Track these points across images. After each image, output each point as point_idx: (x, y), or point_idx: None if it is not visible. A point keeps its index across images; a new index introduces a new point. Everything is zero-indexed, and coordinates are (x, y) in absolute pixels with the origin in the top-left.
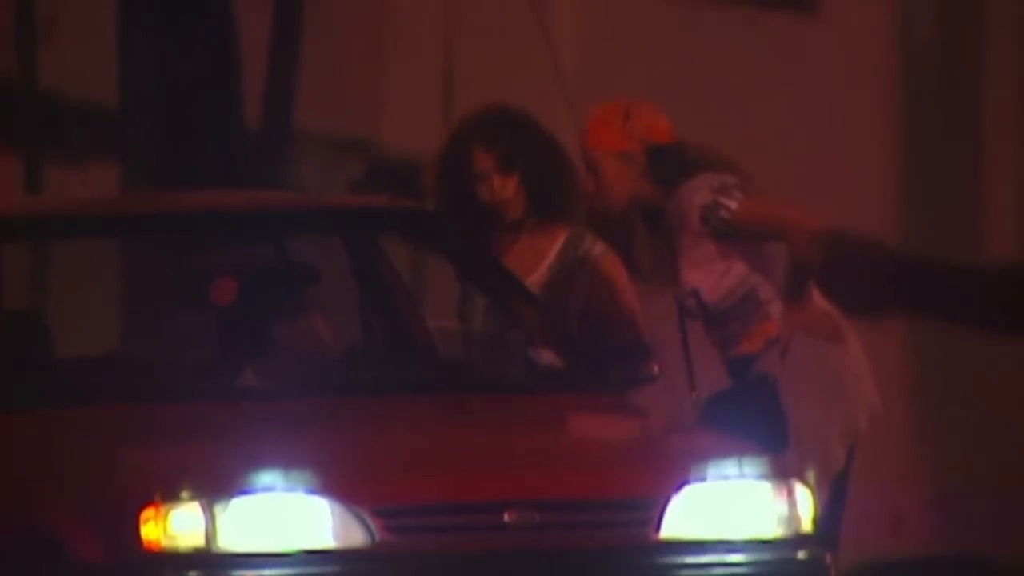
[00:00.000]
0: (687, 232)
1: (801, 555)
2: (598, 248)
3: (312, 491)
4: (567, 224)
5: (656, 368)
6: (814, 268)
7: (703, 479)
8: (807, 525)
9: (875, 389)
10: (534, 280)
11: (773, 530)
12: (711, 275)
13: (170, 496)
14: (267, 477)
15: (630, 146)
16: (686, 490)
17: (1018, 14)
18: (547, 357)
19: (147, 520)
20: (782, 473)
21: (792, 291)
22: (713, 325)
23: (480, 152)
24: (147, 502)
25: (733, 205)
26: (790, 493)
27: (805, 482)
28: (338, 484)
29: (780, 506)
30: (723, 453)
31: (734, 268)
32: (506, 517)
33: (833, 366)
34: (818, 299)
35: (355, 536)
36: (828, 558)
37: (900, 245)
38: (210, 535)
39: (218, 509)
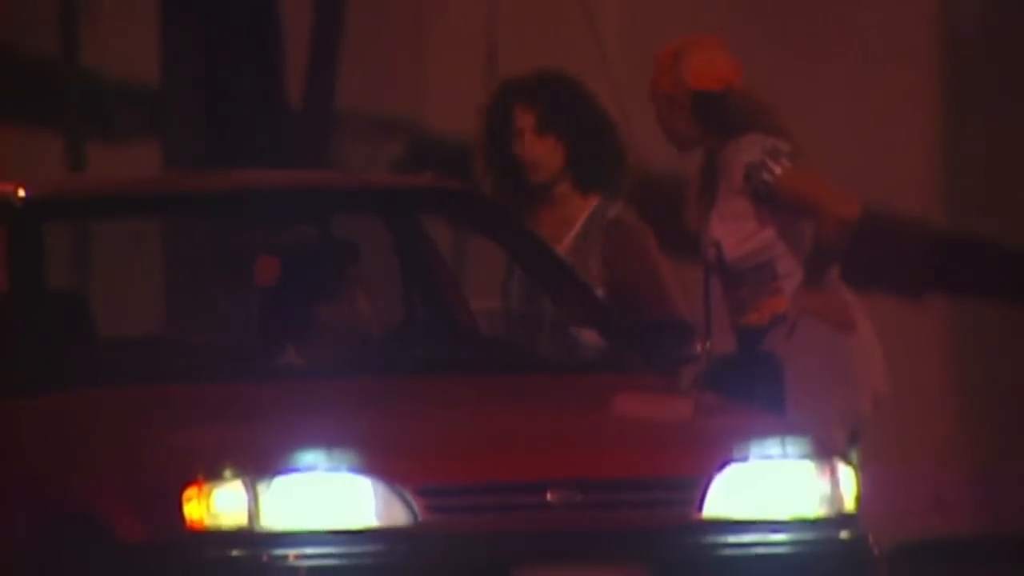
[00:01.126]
0: (727, 185)
1: (844, 535)
2: (626, 218)
3: (355, 470)
4: (600, 194)
5: (699, 347)
6: (836, 254)
7: (746, 458)
8: (850, 504)
9: (883, 377)
10: (560, 249)
11: (815, 510)
12: (736, 233)
13: (213, 475)
14: (310, 456)
15: (675, 89)
16: (729, 469)
17: None
18: (590, 336)
19: (190, 499)
20: (825, 452)
21: (810, 272)
22: (727, 284)
23: (520, 109)
24: (190, 481)
25: (778, 170)
26: (833, 472)
27: (848, 461)
28: (381, 463)
29: (823, 485)
30: (766, 432)
31: (762, 233)
32: (548, 496)
33: (839, 353)
34: (837, 285)
35: (397, 515)
36: (870, 538)
37: (941, 223)
38: (253, 514)
39: (261, 488)
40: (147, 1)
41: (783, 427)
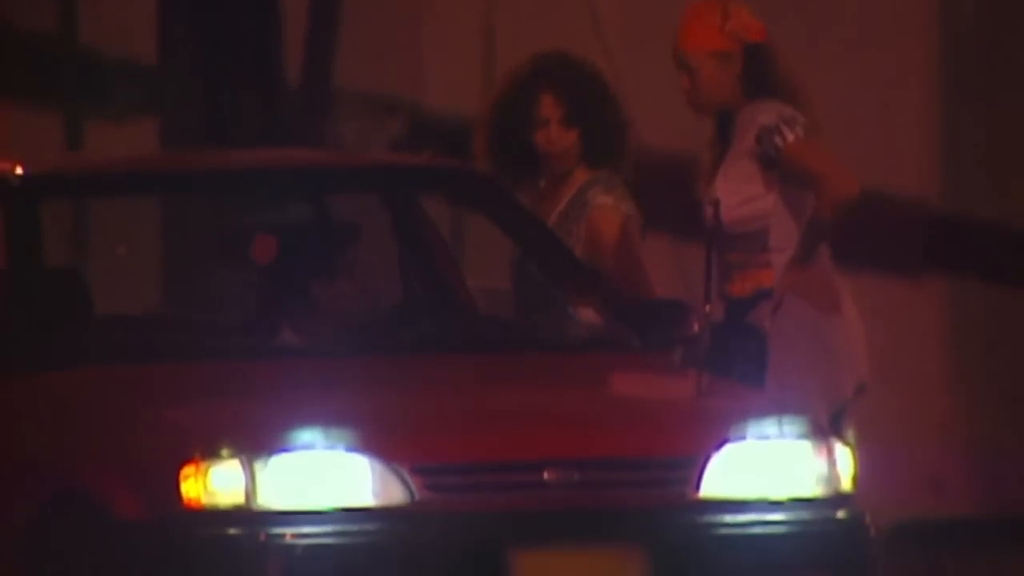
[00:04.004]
0: (738, 146)
1: (841, 514)
2: (600, 199)
3: (352, 449)
4: (605, 170)
5: (697, 326)
6: (826, 233)
7: (743, 438)
8: (847, 484)
9: (866, 361)
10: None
11: (813, 489)
12: (737, 193)
13: (210, 453)
14: (307, 435)
15: (728, 45)
16: (726, 449)
17: None
18: (588, 315)
19: (187, 477)
20: (822, 432)
21: (800, 248)
22: (719, 247)
23: (548, 98)
24: (187, 459)
25: (790, 137)
26: (830, 452)
27: (845, 441)
28: (378, 442)
29: (820, 465)
30: (763, 412)
31: (763, 199)
32: (546, 475)
33: (822, 335)
34: (826, 266)
35: (394, 494)
36: (867, 517)
37: (939, 203)
38: (250, 492)
39: (258, 466)
40: None
41: (780, 407)
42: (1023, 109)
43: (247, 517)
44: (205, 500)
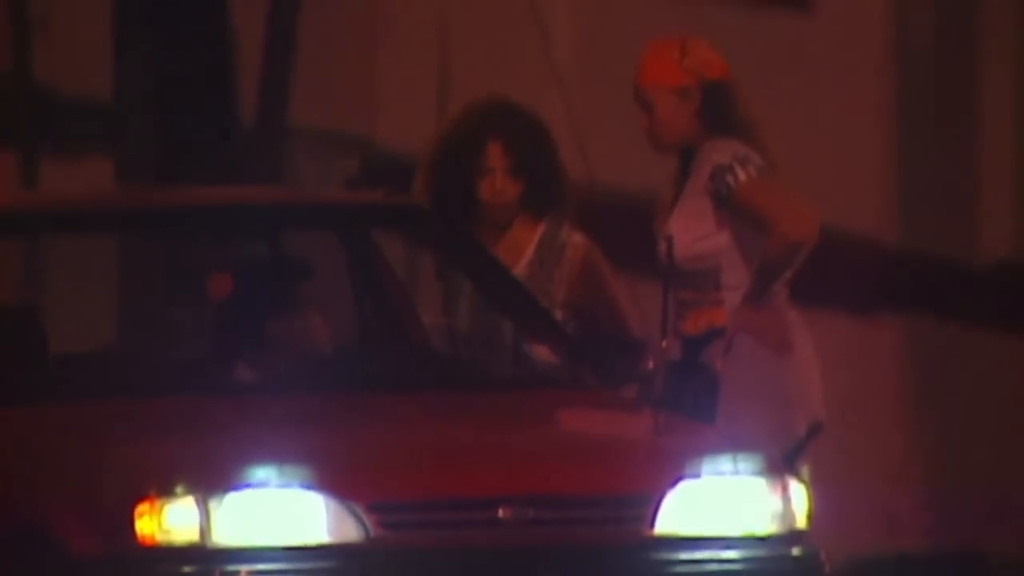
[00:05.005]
0: (694, 183)
1: (796, 551)
2: (576, 238)
3: (306, 486)
4: (546, 217)
5: (651, 363)
6: (780, 273)
7: (697, 475)
8: (802, 521)
9: (821, 401)
10: (515, 275)
11: (768, 526)
12: (690, 231)
13: (165, 491)
14: (261, 472)
15: (687, 81)
16: (681, 486)
17: (1015, 9)
18: (542, 352)
19: (142, 515)
20: (776, 469)
21: (753, 288)
22: (673, 284)
23: (496, 148)
24: (142, 497)
25: (742, 177)
26: (784, 489)
27: (800, 478)
28: (332, 479)
29: (775, 502)
30: (718, 449)
31: (715, 237)
32: (500, 513)
33: (774, 375)
34: (779, 306)
35: (349, 531)
36: (822, 555)
37: (895, 242)
38: (205, 530)
39: (213, 504)
40: (100, 16)
41: (735, 444)
42: (979, 147)
43: (202, 555)
44: (160, 538)
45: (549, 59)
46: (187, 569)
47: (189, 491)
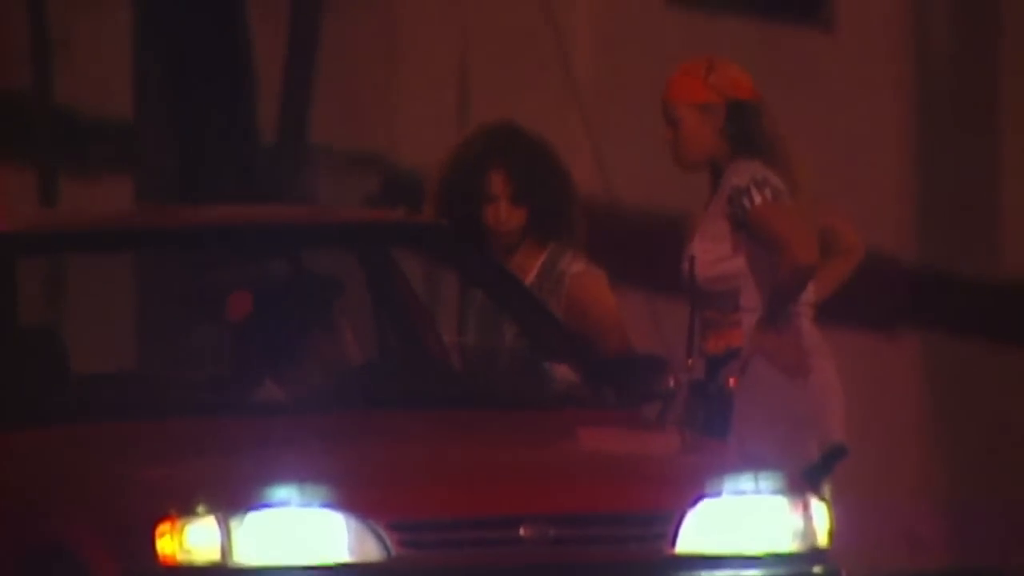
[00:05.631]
0: (716, 204)
1: (817, 570)
2: (576, 267)
3: (327, 505)
4: (550, 244)
5: (673, 382)
6: (789, 298)
7: (719, 494)
8: (823, 539)
9: (840, 425)
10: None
11: (789, 545)
12: (710, 252)
13: (186, 511)
14: (282, 491)
15: (711, 98)
16: (702, 505)
17: None
18: (563, 372)
19: (163, 535)
20: (798, 488)
21: (767, 310)
22: (697, 303)
23: (498, 176)
24: (163, 517)
25: (757, 200)
26: (806, 508)
27: (821, 497)
28: (353, 499)
29: (796, 521)
30: (739, 467)
31: (733, 260)
32: (521, 531)
33: (787, 400)
34: (800, 330)
35: (370, 550)
36: (843, 573)
37: (915, 259)
38: (226, 550)
39: (234, 523)
40: (119, 36)
41: (756, 462)
42: (999, 163)
43: (223, 574)
44: (181, 557)
45: (569, 77)
46: None
47: (210, 511)
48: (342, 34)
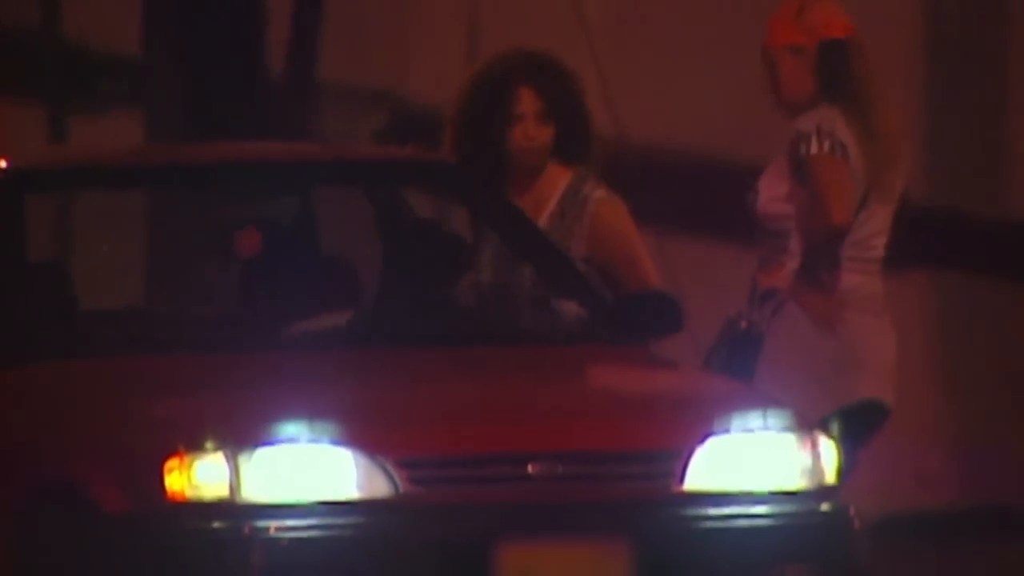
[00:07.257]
0: (788, 144)
1: (825, 507)
2: (599, 193)
3: (336, 442)
4: (574, 166)
5: (682, 320)
6: (817, 252)
7: (727, 431)
8: (831, 477)
9: (875, 382)
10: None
11: (797, 482)
12: (771, 189)
13: (194, 446)
14: (291, 428)
15: (801, 40)
16: (710, 442)
17: None
18: (571, 308)
19: (171, 470)
20: (806, 425)
21: (803, 258)
22: (757, 236)
23: (527, 93)
24: (171, 452)
25: (814, 149)
26: (814, 445)
27: (829, 434)
28: (362, 435)
29: (804, 458)
30: (747, 405)
31: (786, 202)
32: (530, 469)
33: (812, 348)
34: (844, 282)
35: (379, 487)
36: (852, 510)
37: (923, 197)
38: (234, 485)
39: (242, 459)
40: None
41: (764, 400)
42: (1004, 104)
43: (231, 510)
44: (189, 493)
45: (579, 11)
46: (216, 525)
47: (218, 447)
48: None
